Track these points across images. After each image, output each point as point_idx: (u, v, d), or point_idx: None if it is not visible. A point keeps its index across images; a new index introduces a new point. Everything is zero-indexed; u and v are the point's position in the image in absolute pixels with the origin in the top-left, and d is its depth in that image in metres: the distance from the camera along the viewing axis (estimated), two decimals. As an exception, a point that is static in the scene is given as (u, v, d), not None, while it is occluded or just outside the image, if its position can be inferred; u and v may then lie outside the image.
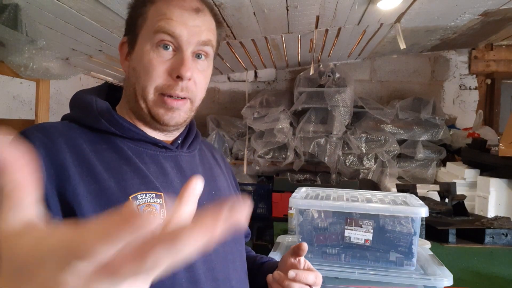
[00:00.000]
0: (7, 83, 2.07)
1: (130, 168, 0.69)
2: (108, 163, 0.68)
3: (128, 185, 0.67)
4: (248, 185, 3.23)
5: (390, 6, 2.00)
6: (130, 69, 0.74)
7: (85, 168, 0.65)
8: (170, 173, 0.74)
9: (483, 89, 3.48)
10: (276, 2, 1.78)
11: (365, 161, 3.20)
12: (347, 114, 3.17)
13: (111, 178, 0.66)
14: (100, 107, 0.72)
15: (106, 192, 0.64)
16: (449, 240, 1.67)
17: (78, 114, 0.73)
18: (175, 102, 0.72)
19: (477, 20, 2.49)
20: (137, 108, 0.74)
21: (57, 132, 0.67)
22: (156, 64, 0.71)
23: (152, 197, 0.68)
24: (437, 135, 3.10)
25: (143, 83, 0.72)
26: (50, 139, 0.65)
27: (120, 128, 0.72)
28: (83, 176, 0.64)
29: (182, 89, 0.72)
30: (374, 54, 3.37)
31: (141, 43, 0.72)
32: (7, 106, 2.09)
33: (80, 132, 0.70)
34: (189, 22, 0.71)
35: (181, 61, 0.71)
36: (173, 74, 0.71)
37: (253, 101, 3.34)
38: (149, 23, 0.71)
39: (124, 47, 0.76)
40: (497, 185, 2.24)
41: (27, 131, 0.66)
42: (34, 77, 1.49)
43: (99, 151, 0.68)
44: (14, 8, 1.35)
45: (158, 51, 0.71)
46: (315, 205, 0.97)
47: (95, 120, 0.71)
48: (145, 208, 0.67)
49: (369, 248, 0.94)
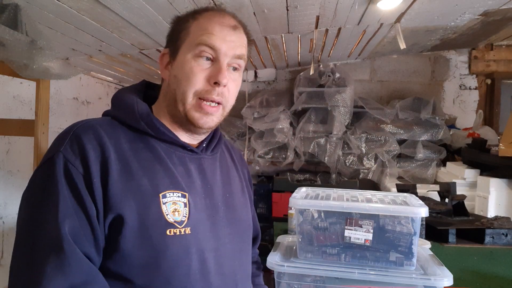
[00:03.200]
0: (7, 83, 2.07)
1: (162, 167, 0.79)
2: (144, 161, 0.78)
3: (160, 184, 0.77)
4: (248, 185, 3.23)
5: (390, 6, 2.00)
6: (171, 76, 0.84)
7: (124, 165, 0.75)
8: (193, 174, 0.84)
9: (483, 89, 3.48)
10: (276, 2, 1.78)
11: (365, 161, 3.20)
12: (347, 114, 3.17)
13: (145, 175, 0.77)
14: (141, 110, 0.82)
15: (140, 189, 0.75)
16: (449, 240, 1.67)
17: (121, 114, 0.83)
18: (210, 108, 0.82)
19: (477, 20, 2.49)
20: (175, 111, 0.84)
21: (104, 132, 0.77)
22: (197, 72, 0.81)
23: (178, 196, 0.78)
24: (437, 135, 3.10)
25: (183, 88, 0.81)
26: (99, 140, 0.75)
27: (156, 131, 0.82)
28: (122, 173, 0.74)
29: (218, 93, 0.82)
30: (374, 54, 3.37)
31: (183, 54, 0.82)
32: (7, 106, 2.09)
33: (121, 130, 0.80)
34: (227, 37, 0.82)
35: (219, 70, 0.81)
36: (211, 80, 0.81)
37: (253, 101, 3.34)
38: (192, 36, 0.82)
39: (165, 57, 0.87)
40: (497, 185, 2.24)
41: (82, 130, 0.76)
42: (34, 77, 1.49)
43: (137, 150, 0.79)
44: (14, 8, 1.35)
45: (199, 61, 0.81)
46: (315, 205, 0.97)
47: (136, 122, 0.81)
48: (171, 206, 0.77)
49: (369, 248, 0.94)
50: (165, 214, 0.75)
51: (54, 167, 0.72)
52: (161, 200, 0.76)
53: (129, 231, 0.72)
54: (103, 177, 0.73)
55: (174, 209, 0.77)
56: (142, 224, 0.73)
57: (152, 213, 0.74)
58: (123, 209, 0.72)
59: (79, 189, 0.71)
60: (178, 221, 0.76)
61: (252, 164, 3.37)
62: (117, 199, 0.72)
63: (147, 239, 0.73)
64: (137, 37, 1.96)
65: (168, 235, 0.75)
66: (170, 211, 0.76)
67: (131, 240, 0.72)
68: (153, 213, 0.74)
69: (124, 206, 0.72)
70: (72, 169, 0.72)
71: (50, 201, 0.70)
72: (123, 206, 0.72)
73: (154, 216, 0.74)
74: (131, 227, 0.72)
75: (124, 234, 0.72)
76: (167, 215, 0.76)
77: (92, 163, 0.73)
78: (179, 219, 0.77)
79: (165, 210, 0.76)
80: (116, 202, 0.72)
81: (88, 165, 0.72)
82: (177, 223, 0.76)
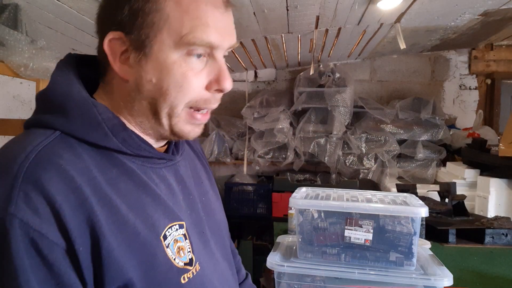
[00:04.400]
0: (7, 83, 2.07)
1: (149, 197, 0.60)
2: (127, 196, 0.58)
3: (155, 222, 0.59)
4: (248, 185, 3.24)
5: (390, 6, 2.00)
6: (142, 80, 0.60)
7: (110, 211, 0.54)
8: (175, 189, 0.68)
9: (483, 89, 3.48)
10: (276, 2, 1.78)
11: (365, 161, 3.20)
12: (347, 114, 3.17)
13: (137, 218, 0.57)
14: (110, 122, 0.59)
15: (138, 239, 0.56)
16: (449, 240, 1.67)
17: (77, 127, 0.57)
18: (203, 117, 0.64)
19: (477, 20, 2.49)
20: (152, 124, 0.63)
21: (69, 165, 0.53)
22: (192, 78, 0.60)
23: (176, 229, 0.62)
24: (437, 135, 3.10)
25: (173, 101, 0.60)
26: (71, 185, 0.51)
27: (135, 149, 0.61)
28: (111, 224, 0.53)
29: (217, 101, 0.64)
30: (374, 54, 3.37)
31: (162, 50, 0.58)
32: (7, 106, 2.09)
33: (85, 154, 0.56)
34: (222, 22, 0.60)
35: (220, 72, 0.62)
36: (212, 87, 0.62)
37: (253, 101, 3.34)
38: (174, 25, 0.57)
39: (118, 46, 0.59)
40: (497, 185, 2.24)
41: (38, 169, 0.50)
42: (34, 77, 1.49)
43: (113, 181, 0.57)
44: (14, 8, 1.35)
45: (190, 61, 0.59)
46: (315, 205, 0.97)
47: (105, 139, 0.58)
48: (174, 245, 0.61)
49: (369, 248, 0.94)
50: (173, 260, 0.59)
51: (4, 241, 0.46)
52: (163, 243, 0.59)
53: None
54: (93, 241, 0.51)
55: (178, 248, 0.61)
56: (151, 282, 0.56)
57: (160, 265, 0.57)
58: (127, 275, 0.53)
59: (55, 267, 0.48)
60: (187, 261, 0.62)
61: (252, 164, 3.37)
62: (116, 264, 0.52)
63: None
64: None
65: (183, 283, 0.60)
66: (175, 253, 0.60)
67: None
68: (161, 264, 0.58)
69: (127, 270, 0.53)
70: (38, 239, 0.47)
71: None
72: (126, 270, 0.53)
73: (163, 268, 0.58)
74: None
75: None
76: (175, 259, 0.60)
77: (71, 224, 0.49)
78: (187, 259, 0.62)
79: (171, 254, 0.59)
80: (117, 268, 0.52)
81: (65, 228, 0.49)
82: (187, 265, 0.62)
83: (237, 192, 3.20)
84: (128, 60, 0.60)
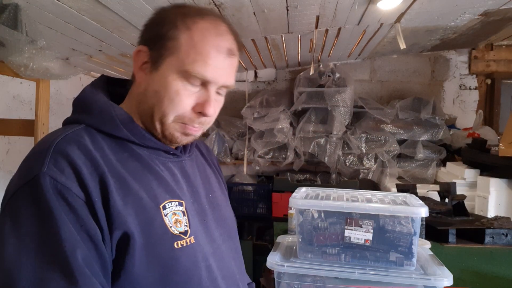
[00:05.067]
0: (7, 83, 2.07)
1: (153, 176, 0.74)
2: (134, 172, 0.72)
3: (157, 195, 0.73)
4: (248, 185, 3.24)
5: (390, 6, 2.00)
6: (149, 87, 0.76)
7: (119, 180, 0.69)
8: (179, 179, 0.80)
9: (483, 89, 3.48)
10: (276, 2, 1.78)
11: (365, 161, 3.20)
12: (347, 114, 3.17)
13: (141, 188, 0.71)
14: (120, 116, 0.75)
15: (140, 203, 0.70)
16: (449, 240, 1.67)
17: (96, 121, 0.74)
18: (193, 130, 0.77)
19: (477, 20, 2.49)
20: (150, 125, 0.78)
21: (90, 145, 0.70)
22: (183, 97, 0.74)
23: (176, 205, 0.75)
24: (437, 135, 3.10)
25: (165, 110, 0.74)
26: (87, 153, 0.68)
27: (140, 138, 0.76)
28: (119, 188, 0.68)
29: (200, 122, 0.77)
30: (374, 54, 3.37)
31: (168, 69, 0.74)
32: (7, 106, 2.09)
33: (102, 140, 0.73)
34: (220, 64, 0.75)
35: (206, 100, 0.75)
36: (196, 108, 0.75)
37: (253, 101, 3.34)
38: (183, 55, 0.73)
39: (143, 57, 0.77)
40: (497, 185, 2.24)
41: (64, 144, 0.67)
42: (34, 77, 1.49)
43: (123, 161, 0.72)
44: (14, 8, 1.35)
45: (186, 85, 0.74)
46: (315, 205, 0.97)
47: (117, 129, 0.74)
48: (172, 216, 0.73)
49: (369, 248, 0.94)
50: (169, 227, 0.71)
51: (40, 191, 0.62)
52: (162, 212, 0.72)
53: (137, 249, 0.66)
54: (103, 195, 0.66)
55: (176, 220, 0.73)
56: (148, 241, 0.68)
57: (157, 227, 0.70)
58: (128, 226, 0.66)
59: (79, 213, 0.63)
60: (182, 231, 0.73)
61: (252, 164, 3.37)
62: (120, 216, 0.66)
63: (155, 256, 0.68)
64: (137, 37, 1.96)
65: (176, 248, 0.71)
66: (172, 222, 0.72)
67: (139, 259, 0.67)
68: (158, 227, 0.70)
69: (128, 222, 0.66)
70: (64, 191, 0.63)
71: (47, 230, 0.61)
72: (128, 222, 0.66)
73: (159, 230, 0.70)
74: (138, 244, 0.67)
75: (132, 253, 0.66)
76: (171, 227, 0.71)
77: (88, 181, 0.65)
78: (182, 229, 0.73)
79: (168, 222, 0.72)
80: (120, 219, 0.66)
81: (84, 184, 0.65)
82: (182, 234, 0.73)
83: (237, 192, 3.20)
84: (145, 69, 0.77)
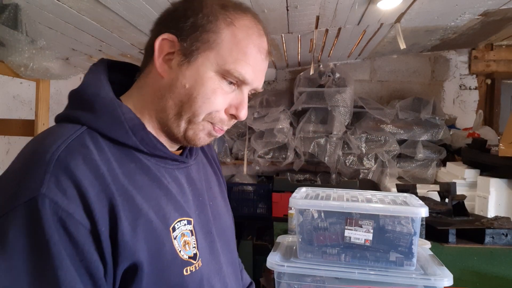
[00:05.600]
0: (7, 83, 2.07)
1: (162, 192, 0.66)
2: (143, 188, 0.64)
3: (166, 214, 0.65)
4: (248, 185, 3.24)
5: (390, 6, 2.00)
6: (177, 82, 0.67)
7: (127, 199, 0.60)
8: (186, 190, 0.73)
9: (483, 89, 3.48)
10: (276, 2, 1.78)
11: (365, 161, 3.20)
12: (347, 114, 3.17)
13: (150, 208, 0.63)
14: (130, 121, 0.65)
15: (151, 226, 0.61)
16: (449, 240, 1.66)
17: (102, 124, 0.63)
18: (219, 132, 0.72)
19: (477, 20, 2.49)
20: (171, 123, 0.69)
21: (97, 157, 0.59)
22: (219, 96, 0.67)
23: (184, 224, 0.67)
24: (437, 135, 3.10)
25: (197, 108, 0.67)
26: (94, 170, 0.58)
27: (151, 148, 0.67)
28: (128, 210, 0.59)
29: (229, 124, 0.72)
30: (374, 54, 3.37)
31: (204, 65, 0.66)
32: (7, 106, 2.09)
33: (106, 148, 0.63)
34: (258, 66, 0.70)
35: (240, 102, 0.70)
36: (230, 111, 0.70)
37: (253, 101, 3.34)
38: (224, 51, 0.66)
39: (168, 46, 0.67)
40: (497, 185, 2.24)
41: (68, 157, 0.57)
42: (34, 77, 1.49)
43: (130, 174, 0.63)
44: (14, 8, 1.35)
45: (223, 84, 0.68)
46: (315, 205, 0.97)
47: (125, 137, 0.64)
48: (181, 238, 0.66)
49: (369, 248, 0.94)
50: (178, 251, 0.64)
51: (38, 218, 0.52)
52: (171, 235, 0.64)
53: (145, 278, 0.59)
54: (111, 223, 0.57)
55: (184, 242, 0.66)
56: (157, 269, 0.61)
57: (167, 253, 0.62)
58: (137, 256, 0.58)
59: (80, 245, 0.54)
60: (191, 255, 0.66)
61: (252, 164, 3.37)
62: (129, 246, 0.58)
63: (163, 283, 0.62)
64: (137, 37, 1.96)
65: (185, 275, 0.64)
66: (181, 245, 0.65)
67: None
68: (167, 252, 0.62)
69: (138, 252, 0.58)
70: (66, 218, 0.53)
71: (42, 268, 0.52)
72: (137, 252, 0.58)
73: (168, 256, 0.62)
74: (146, 273, 0.59)
75: (139, 283, 0.59)
76: (180, 251, 0.64)
77: (95, 206, 0.55)
78: (191, 253, 0.67)
79: (177, 246, 0.64)
80: (129, 250, 0.58)
81: (90, 210, 0.55)
82: (191, 258, 0.66)
83: (237, 192, 3.20)
84: (170, 61, 0.67)
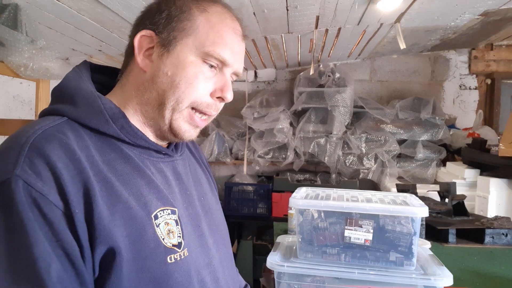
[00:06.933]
0: (7, 83, 2.07)
1: (144, 180, 0.66)
2: (123, 176, 0.64)
3: (148, 202, 0.65)
4: (248, 185, 3.24)
5: (390, 6, 2.00)
6: (159, 73, 0.68)
7: (105, 185, 0.60)
8: (172, 182, 0.72)
9: (483, 89, 3.48)
10: (276, 2, 1.78)
11: (365, 161, 3.20)
12: (347, 114, 3.17)
13: (130, 195, 0.63)
14: (110, 110, 0.66)
15: (130, 212, 0.61)
16: (449, 240, 1.67)
17: (81, 113, 0.64)
18: (201, 121, 0.72)
19: (477, 20, 2.49)
20: (155, 114, 0.70)
21: (74, 143, 0.60)
22: (202, 81, 0.69)
23: (168, 213, 0.67)
24: (437, 135, 3.10)
25: (180, 95, 0.68)
26: (70, 154, 0.58)
27: (131, 136, 0.67)
28: (106, 196, 0.60)
29: (217, 108, 0.73)
30: (374, 54, 3.37)
31: (183, 50, 0.68)
32: (7, 106, 2.09)
33: (87, 137, 0.63)
34: (236, 48, 0.72)
35: (224, 84, 0.71)
36: (215, 94, 0.71)
37: (253, 101, 3.34)
38: (201, 36, 0.68)
39: (147, 42, 0.70)
40: (497, 185, 2.24)
41: (43, 141, 0.57)
42: (34, 77, 1.49)
43: (111, 163, 0.64)
44: (14, 8, 1.35)
45: (204, 68, 0.69)
46: (315, 205, 0.97)
47: (105, 125, 0.65)
48: (165, 227, 0.65)
49: (369, 248, 0.94)
50: (162, 239, 0.64)
51: (11, 198, 0.53)
52: (154, 222, 0.64)
53: (125, 265, 0.59)
54: (87, 206, 0.57)
55: (168, 230, 0.65)
56: (138, 256, 0.60)
57: (149, 239, 0.62)
58: (115, 241, 0.58)
59: (55, 226, 0.54)
60: (176, 244, 0.66)
61: (252, 164, 3.37)
62: (106, 230, 0.58)
63: (146, 271, 0.61)
64: (137, 37, 1.96)
65: (169, 263, 0.63)
66: (165, 233, 0.65)
67: (127, 276, 0.59)
68: (149, 239, 0.62)
69: (115, 236, 0.58)
70: (40, 199, 0.54)
71: (17, 246, 0.53)
72: (114, 236, 0.58)
73: (150, 243, 0.62)
74: (126, 260, 0.59)
75: (119, 270, 0.58)
76: (163, 239, 0.64)
77: (69, 188, 0.56)
78: (176, 241, 0.66)
79: (160, 233, 0.64)
80: (106, 233, 0.58)
81: (64, 192, 0.55)
82: (175, 246, 0.65)
83: (237, 192, 3.20)
84: (151, 56, 0.70)
